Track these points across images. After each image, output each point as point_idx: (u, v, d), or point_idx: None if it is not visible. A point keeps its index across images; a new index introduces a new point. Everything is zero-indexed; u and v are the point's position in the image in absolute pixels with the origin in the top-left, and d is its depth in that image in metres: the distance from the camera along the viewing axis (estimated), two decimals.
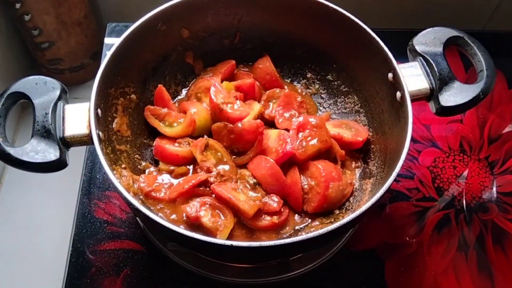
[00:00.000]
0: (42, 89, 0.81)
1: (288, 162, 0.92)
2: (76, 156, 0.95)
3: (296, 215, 0.92)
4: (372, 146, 0.99)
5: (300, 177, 0.91)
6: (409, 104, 0.83)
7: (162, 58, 1.02)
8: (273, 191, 0.90)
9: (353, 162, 0.99)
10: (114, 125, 0.92)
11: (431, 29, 0.92)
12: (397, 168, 0.77)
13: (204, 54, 1.07)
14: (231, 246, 0.69)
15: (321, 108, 1.09)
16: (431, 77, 0.88)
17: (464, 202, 1.08)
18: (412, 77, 0.88)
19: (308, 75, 1.10)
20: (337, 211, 0.92)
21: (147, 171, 0.95)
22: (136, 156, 0.96)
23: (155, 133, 1.00)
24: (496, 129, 1.19)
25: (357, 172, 0.98)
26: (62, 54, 1.78)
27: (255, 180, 0.91)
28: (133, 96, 0.97)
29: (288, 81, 1.11)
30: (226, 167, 0.93)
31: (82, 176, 1.07)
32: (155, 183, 0.92)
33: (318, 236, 0.70)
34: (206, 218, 0.84)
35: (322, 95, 1.10)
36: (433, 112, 0.89)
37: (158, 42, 0.98)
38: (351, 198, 0.93)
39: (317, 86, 1.10)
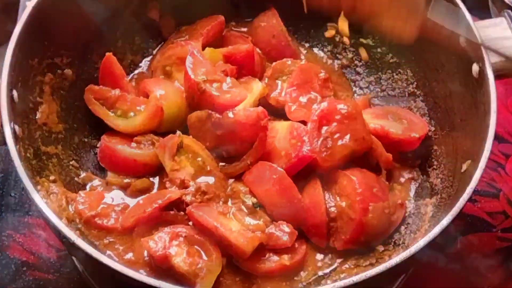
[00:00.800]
0: None
1: (306, 172, 0.92)
2: None
3: (318, 253, 0.92)
4: (435, 147, 0.99)
5: (324, 194, 0.91)
6: (491, 83, 0.83)
7: (112, 13, 1.02)
8: (283, 217, 0.91)
9: (406, 172, 0.99)
10: (38, 115, 0.92)
11: None
12: (473, 182, 0.77)
13: (177, 6, 1.07)
14: None
15: (356, 88, 1.09)
16: None
17: None
18: (497, 41, 0.88)
19: (337, 38, 1.10)
20: (381, 248, 0.92)
21: (88, 185, 0.95)
22: (72, 162, 0.96)
23: (101, 128, 1.00)
24: None
25: (412, 187, 0.98)
26: None
27: (254, 200, 0.91)
28: (67, 70, 0.98)
29: (306, 46, 1.12)
30: (210, 179, 0.93)
31: None
32: (101, 205, 0.92)
33: (351, 285, 0.70)
34: (180, 258, 0.84)
35: (357, 69, 1.10)
36: None
37: None
38: (402, 227, 0.94)
39: (350, 56, 1.10)
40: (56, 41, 0.95)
